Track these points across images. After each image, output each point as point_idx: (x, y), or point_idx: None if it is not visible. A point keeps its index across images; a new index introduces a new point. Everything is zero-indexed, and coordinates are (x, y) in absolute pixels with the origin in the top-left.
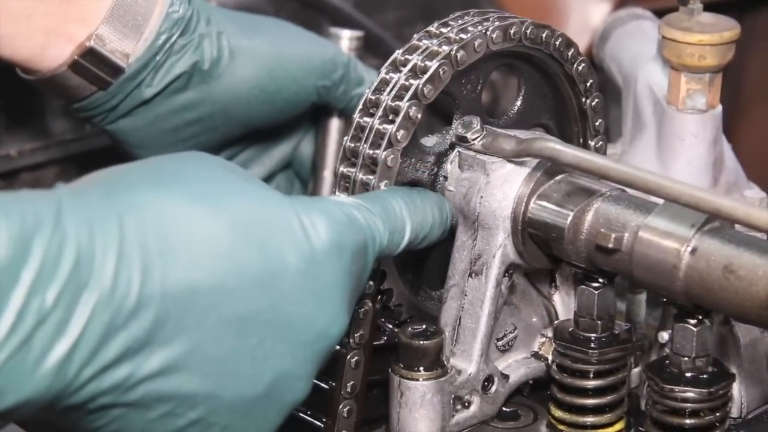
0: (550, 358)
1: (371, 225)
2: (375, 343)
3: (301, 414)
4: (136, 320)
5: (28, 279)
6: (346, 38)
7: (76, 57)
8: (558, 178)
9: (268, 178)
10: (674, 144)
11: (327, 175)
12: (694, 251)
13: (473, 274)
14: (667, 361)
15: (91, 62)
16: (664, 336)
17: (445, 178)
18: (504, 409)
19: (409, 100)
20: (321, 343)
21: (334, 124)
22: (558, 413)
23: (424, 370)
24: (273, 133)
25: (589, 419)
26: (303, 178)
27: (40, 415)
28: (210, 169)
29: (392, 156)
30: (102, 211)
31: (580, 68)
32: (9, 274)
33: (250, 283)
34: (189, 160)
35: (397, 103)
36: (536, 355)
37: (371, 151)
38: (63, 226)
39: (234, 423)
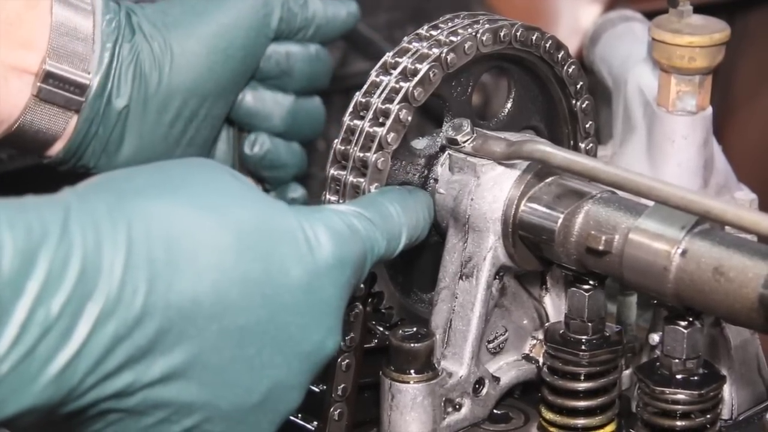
0: (541, 360)
1: (371, 236)
2: (366, 345)
3: (292, 417)
4: (139, 329)
5: (33, 290)
6: None
7: (39, 84)
8: (548, 180)
9: None
10: (664, 146)
11: None
12: (684, 253)
13: (464, 277)
14: (658, 363)
15: (55, 85)
16: (655, 338)
17: (436, 180)
18: (495, 411)
19: (399, 102)
20: (317, 354)
21: None
22: (549, 415)
23: (415, 372)
24: None
25: (580, 421)
26: None
27: (38, 419)
28: (216, 178)
29: (383, 159)
30: (110, 219)
31: (570, 70)
32: (14, 287)
33: (253, 295)
34: (195, 167)
35: (387, 105)
36: (527, 358)
37: (362, 154)
38: (70, 236)
39: (227, 431)
